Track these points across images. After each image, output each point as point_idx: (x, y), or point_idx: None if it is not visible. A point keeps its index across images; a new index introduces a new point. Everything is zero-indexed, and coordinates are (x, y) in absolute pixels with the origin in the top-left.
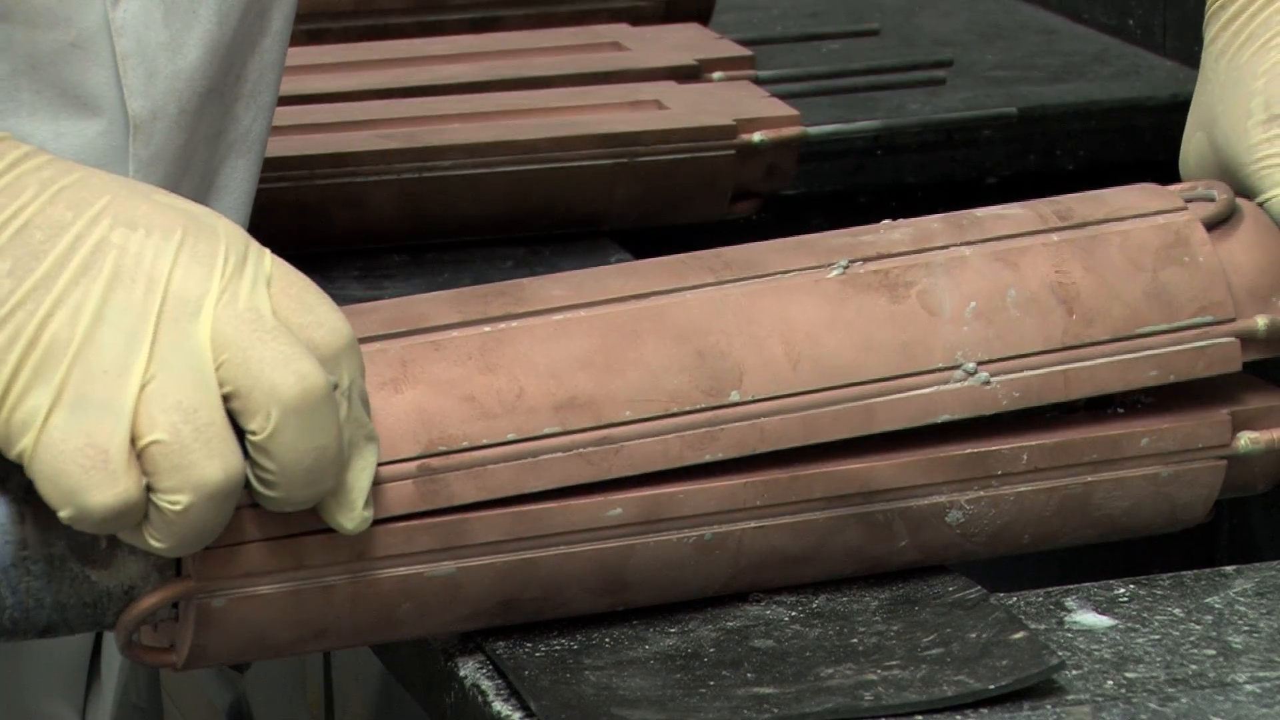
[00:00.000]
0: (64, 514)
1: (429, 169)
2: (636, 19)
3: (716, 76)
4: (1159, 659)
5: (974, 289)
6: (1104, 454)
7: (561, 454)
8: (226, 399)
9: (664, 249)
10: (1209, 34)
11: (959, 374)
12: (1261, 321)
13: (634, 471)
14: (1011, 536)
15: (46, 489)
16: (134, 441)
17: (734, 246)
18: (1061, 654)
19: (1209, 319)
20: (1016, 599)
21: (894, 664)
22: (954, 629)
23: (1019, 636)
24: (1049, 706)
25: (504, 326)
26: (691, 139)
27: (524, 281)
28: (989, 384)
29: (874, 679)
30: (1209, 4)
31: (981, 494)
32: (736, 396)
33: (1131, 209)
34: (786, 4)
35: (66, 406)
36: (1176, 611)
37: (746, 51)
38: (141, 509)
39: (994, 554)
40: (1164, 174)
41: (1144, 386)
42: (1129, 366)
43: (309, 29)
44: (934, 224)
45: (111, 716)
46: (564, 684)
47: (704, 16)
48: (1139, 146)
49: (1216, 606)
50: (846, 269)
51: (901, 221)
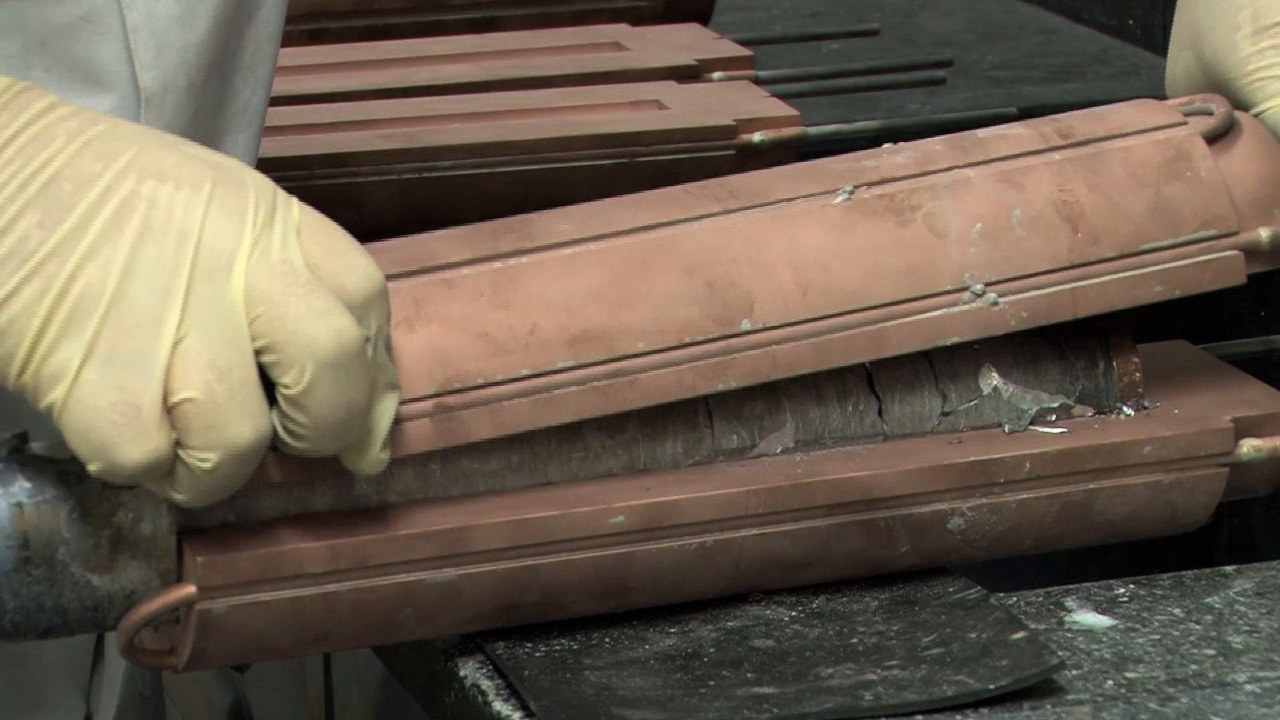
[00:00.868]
0: (93, 467)
1: (429, 169)
2: (636, 19)
3: (716, 76)
4: (1159, 659)
5: (979, 210)
6: (1106, 462)
7: (576, 388)
8: (260, 353)
9: None
10: None
11: (967, 295)
12: (1265, 234)
13: (647, 403)
14: (1012, 542)
15: (76, 442)
16: (165, 398)
17: (738, 175)
18: (1061, 654)
19: (1212, 233)
20: (1016, 599)
21: (894, 664)
22: (954, 629)
23: (1019, 636)
24: (1049, 706)
25: (514, 263)
26: (691, 139)
27: (532, 216)
28: (997, 305)
29: (874, 679)
30: None
31: (983, 501)
32: (748, 325)
33: (1132, 125)
34: (786, 4)
35: (99, 360)
36: (1176, 611)
37: (746, 51)
38: (170, 464)
39: (994, 558)
40: None
41: (1150, 302)
42: (1135, 283)
43: (309, 29)
44: (936, 146)
45: (118, 701)
46: (564, 684)
47: (704, 16)
48: None
49: (1216, 606)
50: (852, 194)
51: (903, 145)
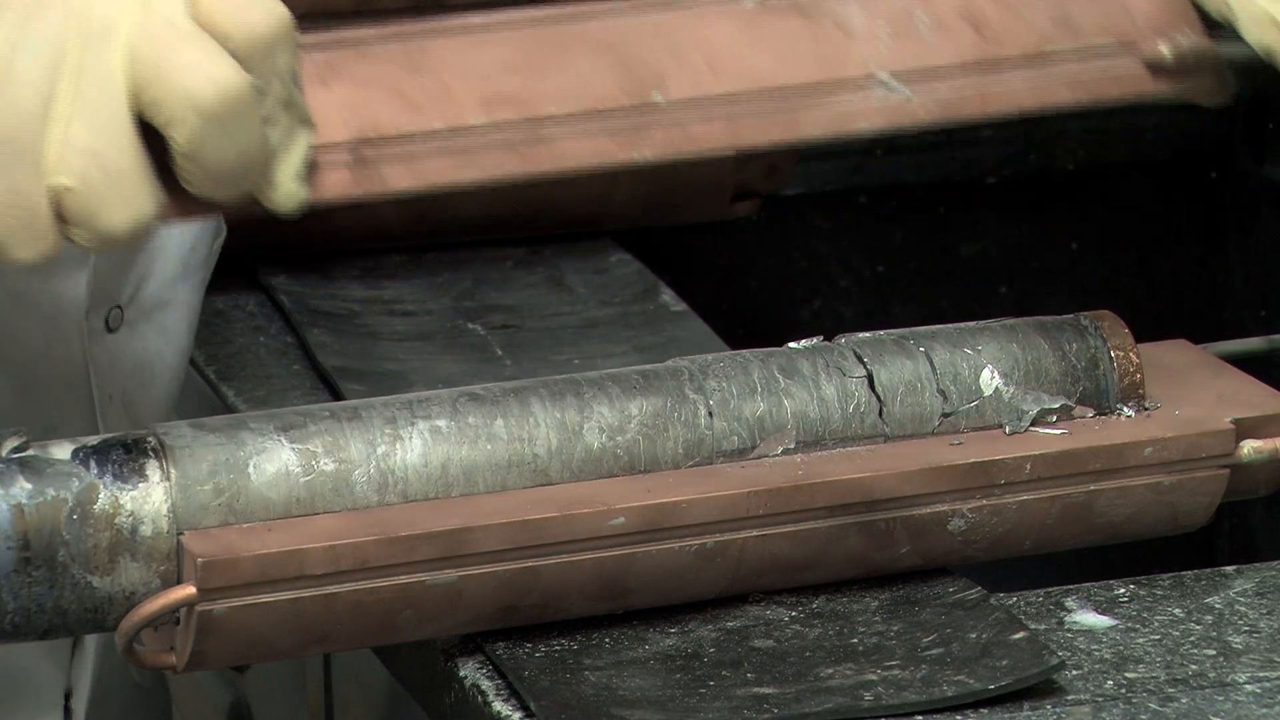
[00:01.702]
0: None
1: None
2: None
3: None
4: (1159, 659)
5: (884, 12)
6: (1107, 463)
7: (492, 146)
8: (146, 113)
9: (665, 249)
10: None
11: (876, 85)
12: (1167, 50)
13: (564, 166)
14: (1013, 543)
15: None
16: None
17: None
18: (1061, 654)
19: (1113, 41)
20: (1016, 599)
21: (894, 664)
22: (954, 629)
23: (1019, 637)
24: (1049, 706)
25: (426, 38)
26: None
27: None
28: (906, 97)
29: (874, 679)
30: None
31: (984, 503)
32: (659, 97)
33: None
34: None
35: None
36: (1176, 611)
37: None
38: (59, 251)
39: (995, 559)
40: (1165, 174)
41: (1060, 106)
42: (1041, 85)
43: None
44: None
45: (92, 676)
46: (564, 684)
47: None
48: (1139, 146)
49: (1216, 606)
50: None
51: None
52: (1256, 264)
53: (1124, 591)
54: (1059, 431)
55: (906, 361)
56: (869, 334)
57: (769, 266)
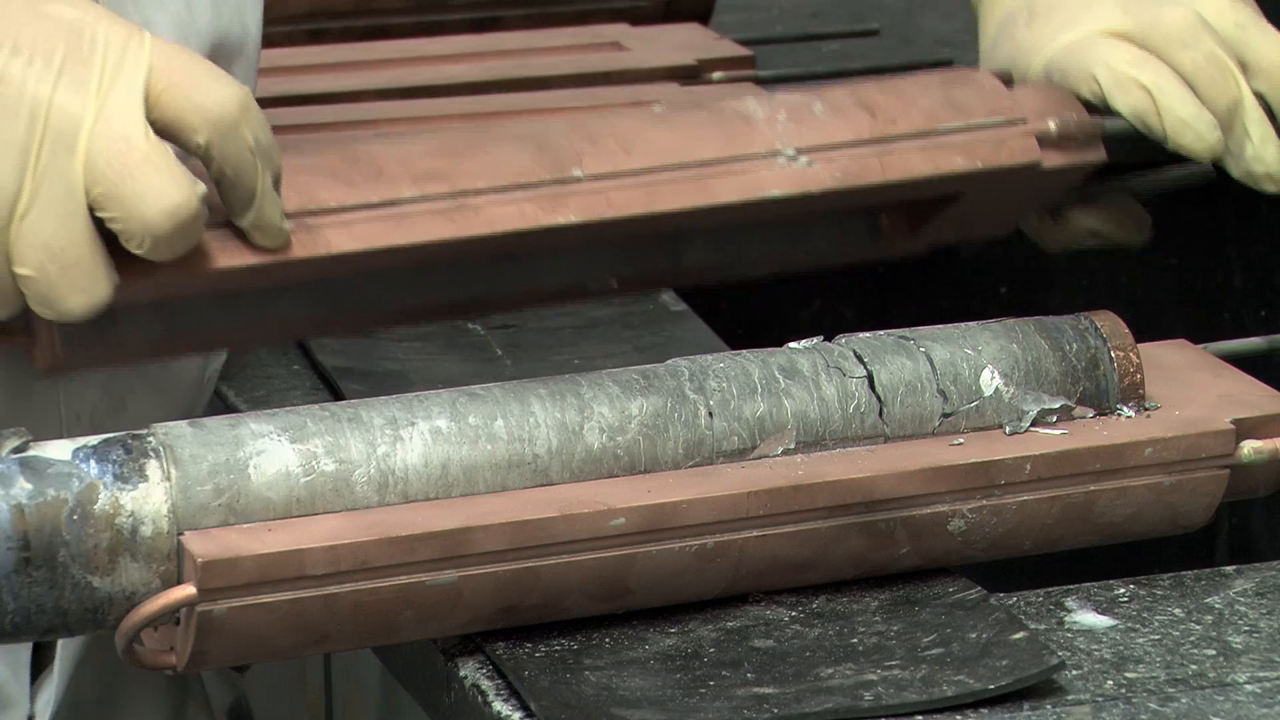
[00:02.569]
0: None
1: None
2: (636, 19)
3: (716, 76)
4: (1159, 659)
5: (782, 104)
6: (1107, 464)
7: (423, 214)
8: (103, 219)
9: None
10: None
11: (781, 159)
12: (1053, 124)
13: (492, 230)
14: (1013, 543)
15: None
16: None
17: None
18: (1061, 654)
19: (1000, 119)
20: (1016, 599)
21: (894, 664)
22: (954, 629)
23: (1019, 636)
24: (1049, 706)
25: (361, 145)
26: None
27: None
28: (811, 165)
29: (874, 679)
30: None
31: (984, 503)
32: (579, 173)
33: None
34: (786, 4)
35: None
36: (1176, 611)
37: (746, 51)
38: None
39: (994, 559)
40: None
41: (953, 173)
42: (936, 154)
43: (309, 29)
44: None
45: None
46: (564, 684)
47: (704, 16)
48: (1138, 146)
49: (1216, 606)
50: (664, 105)
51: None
52: (1256, 264)
53: (1124, 591)
54: (1059, 432)
55: (906, 361)
56: (869, 334)
57: None
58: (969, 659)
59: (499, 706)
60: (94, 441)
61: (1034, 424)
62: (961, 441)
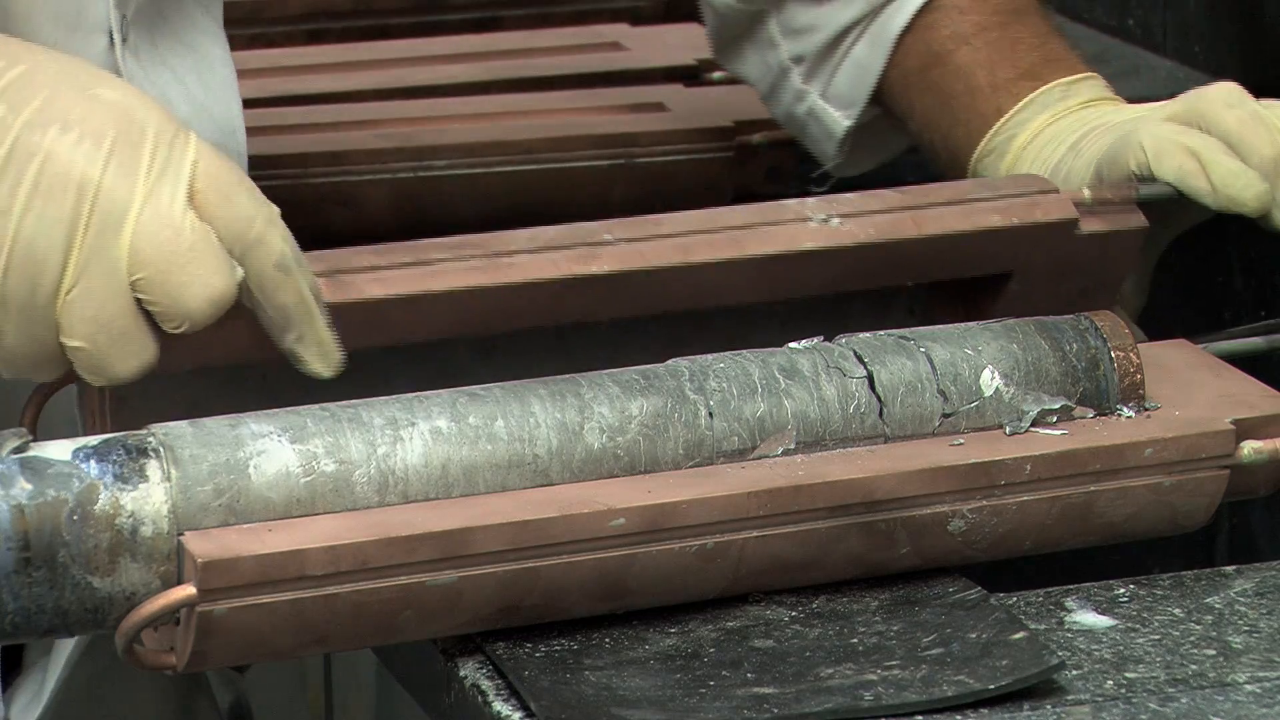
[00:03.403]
0: (8, 375)
1: (424, 168)
2: (636, 19)
3: (716, 76)
4: (1159, 659)
5: (811, 198)
6: (1107, 464)
7: (456, 271)
8: (143, 301)
9: None
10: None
11: (814, 222)
12: (1086, 190)
13: (526, 278)
14: (1013, 543)
15: (2, 369)
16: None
17: None
18: (1061, 654)
19: (1034, 189)
20: (1016, 599)
21: (894, 664)
22: (954, 629)
23: (1019, 636)
24: (1049, 706)
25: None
26: (690, 140)
27: None
28: (844, 224)
29: (874, 679)
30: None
31: (984, 504)
32: (609, 238)
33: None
34: None
35: (15, 315)
36: (1176, 611)
37: None
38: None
39: (994, 559)
40: None
41: (990, 228)
42: (971, 212)
43: (309, 29)
44: None
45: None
46: (564, 684)
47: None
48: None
49: (1216, 606)
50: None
51: None
52: (1256, 264)
53: (1124, 591)
54: (1059, 432)
55: (907, 362)
56: (869, 334)
57: None
58: (969, 659)
59: (499, 706)
60: (94, 442)
61: (1034, 424)
62: (961, 442)
